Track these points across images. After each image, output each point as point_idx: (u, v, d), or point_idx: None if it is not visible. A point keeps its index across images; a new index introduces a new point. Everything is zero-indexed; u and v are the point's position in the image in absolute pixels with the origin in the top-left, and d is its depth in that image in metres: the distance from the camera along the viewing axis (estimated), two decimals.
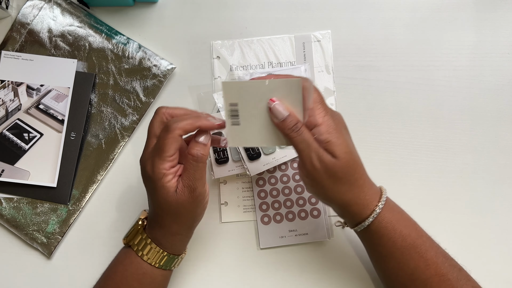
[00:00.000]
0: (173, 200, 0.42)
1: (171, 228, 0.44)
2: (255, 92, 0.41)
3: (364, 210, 0.43)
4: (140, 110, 0.57)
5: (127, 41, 0.58)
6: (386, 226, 0.43)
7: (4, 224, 0.56)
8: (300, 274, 0.54)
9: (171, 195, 0.42)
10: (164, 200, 0.42)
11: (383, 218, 0.43)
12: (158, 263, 0.45)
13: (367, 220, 0.43)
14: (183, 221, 0.44)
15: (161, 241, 0.45)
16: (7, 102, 0.57)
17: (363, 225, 0.43)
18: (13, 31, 0.58)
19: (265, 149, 0.54)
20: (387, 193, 0.44)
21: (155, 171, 0.42)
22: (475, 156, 0.56)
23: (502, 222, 0.55)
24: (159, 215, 0.44)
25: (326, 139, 0.41)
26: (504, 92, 0.57)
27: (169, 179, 0.42)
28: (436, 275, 0.42)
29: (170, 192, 0.42)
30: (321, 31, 0.58)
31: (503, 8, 0.58)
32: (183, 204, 0.42)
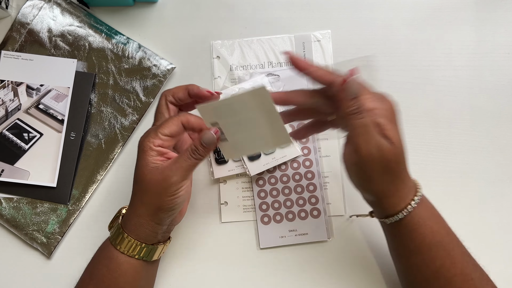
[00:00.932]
0: (146, 174, 0.42)
1: (137, 207, 0.43)
2: (229, 108, 0.41)
3: (400, 202, 0.42)
4: (140, 110, 0.57)
5: (127, 41, 0.58)
6: (418, 221, 0.42)
7: (4, 224, 0.56)
8: (300, 274, 0.54)
9: (147, 169, 0.42)
10: (140, 171, 0.43)
11: (416, 213, 0.42)
12: (131, 252, 0.44)
13: (401, 213, 0.41)
14: (147, 201, 0.43)
15: (129, 225, 0.44)
16: (7, 102, 0.57)
17: (395, 218, 0.42)
18: (13, 31, 0.58)
19: None
20: (422, 188, 0.43)
21: (144, 142, 0.43)
22: (475, 156, 0.56)
23: (502, 222, 0.55)
24: (133, 191, 0.44)
25: (383, 124, 0.39)
26: (504, 92, 0.57)
27: (153, 154, 0.42)
28: (460, 274, 0.42)
29: (147, 166, 0.42)
30: (321, 31, 0.58)
31: (503, 8, 0.58)
32: (151, 182, 0.42)
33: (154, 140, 0.42)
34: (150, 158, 0.42)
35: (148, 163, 0.42)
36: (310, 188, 0.55)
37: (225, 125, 0.42)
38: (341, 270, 0.54)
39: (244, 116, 0.41)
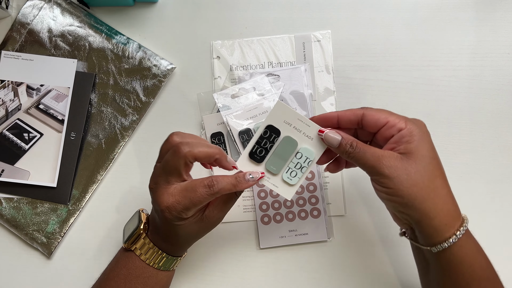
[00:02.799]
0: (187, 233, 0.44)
1: (173, 239, 0.45)
2: None
3: (446, 227, 0.39)
4: (140, 110, 0.57)
5: (127, 41, 0.58)
6: (467, 253, 0.40)
7: (4, 224, 0.56)
8: (300, 274, 0.54)
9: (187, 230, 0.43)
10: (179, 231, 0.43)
11: (465, 243, 0.40)
12: (163, 266, 0.46)
13: (449, 240, 0.39)
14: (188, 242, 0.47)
15: (162, 247, 0.46)
16: (7, 102, 0.57)
17: (442, 246, 0.39)
18: (13, 31, 0.58)
19: None
20: (469, 221, 0.41)
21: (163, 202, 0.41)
22: (475, 156, 0.56)
23: (502, 222, 0.55)
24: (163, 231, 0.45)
25: (407, 141, 0.39)
26: (504, 92, 0.57)
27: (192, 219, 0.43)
28: None
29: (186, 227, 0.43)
30: (321, 31, 0.58)
31: (503, 8, 0.58)
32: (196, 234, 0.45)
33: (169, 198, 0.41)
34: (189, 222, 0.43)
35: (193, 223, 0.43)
36: (310, 188, 0.55)
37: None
38: (341, 270, 0.54)
39: None
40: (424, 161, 0.39)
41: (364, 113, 0.42)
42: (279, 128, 0.44)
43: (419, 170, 0.39)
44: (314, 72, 0.57)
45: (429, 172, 0.39)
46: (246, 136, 0.54)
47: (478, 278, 0.40)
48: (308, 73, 0.57)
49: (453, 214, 0.40)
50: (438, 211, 0.39)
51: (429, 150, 0.40)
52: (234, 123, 0.54)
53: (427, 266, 0.43)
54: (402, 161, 0.39)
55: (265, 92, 0.55)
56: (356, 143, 0.41)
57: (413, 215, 0.39)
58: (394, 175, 0.39)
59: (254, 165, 0.45)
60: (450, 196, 0.41)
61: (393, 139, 0.40)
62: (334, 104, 0.57)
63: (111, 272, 0.47)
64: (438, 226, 0.39)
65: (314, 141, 0.44)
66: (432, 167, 0.39)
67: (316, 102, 0.57)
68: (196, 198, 0.40)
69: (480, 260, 0.41)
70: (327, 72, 0.57)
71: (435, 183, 0.39)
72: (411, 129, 0.40)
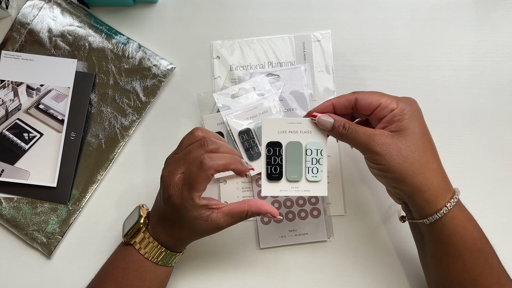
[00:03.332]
0: (198, 226, 0.44)
1: (177, 232, 0.45)
2: None
3: (437, 199, 0.41)
4: (140, 110, 0.57)
5: (127, 41, 0.58)
6: (459, 224, 0.41)
7: (4, 224, 0.56)
8: (300, 274, 0.54)
9: (198, 223, 0.44)
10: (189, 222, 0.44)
11: (456, 214, 0.41)
12: (161, 260, 0.46)
13: (441, 211, 0.41)
14: (191, 235, 0.46)
15: (164, 241, 0.46)
16: (7, 102, 0.57)
17: (435, 217, 0.41)
18: (13, 31, 0.58)
19: None
20: (460, 192, 0.43)
21: (187, 203, 0.43)
22: (475, 156, 0.56)
23: (502, 222, 0.55)
24: (168, 222, 0.45)
25: (398, 119, 0.41)
26: (504, 92, 0.57)
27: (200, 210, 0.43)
28: (497, 284, 0.42)
29: (199, 221, 0.44)
30: (321, 31, 0.58)
31: (503, 8, 0.58)
32: (205, 231, 0.45)
33: (195, 200, 0.43)
34: (201, 214, 0.44)
35: (200, 213, 0.44)
36: None
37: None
38: (341, 270, 0.54)
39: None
40: (414, 137, 0.41)
41: (357, 97, 0.43)
42: (278, 140, 0.46)
43: (410, 146, 0.41)
44: (314, 72, 0.57)
45: (419, 147, 0.41)
46: (246, 136, 0.54)
47: (469, 249, 0.41)
48: (308, 73, 0.57)
49: (443, 187, 0.42)
50: (429, 185, 0.41)
51: (419, 126, 0.42)
52: (234, 123, 0.54)
53: (422, 239, 0.45)
54: (393, 138, 0.41)
55: (265, 92, 0.55)
56: (348, 124, 0.43)
57: (405, 189, 0.42)
58: (385, 151, 0.41)
59: (276, 183, 0.46)
60: (441, 170, 0.42)
61: (385, 119, 0.42)
62: None
63: (110, 265, 0.48)
64: (429, 198, 0.41)
65: (314, 132, 0.45)
66: (422, 142, 0.41)
67: (316, 102, 0.56)
68: (192, 178, 0.42)
69: (471, 231, 0.42)
70: (327, 72, 0.57)
71: (425, 157, 0.41)
72: (402, 108, 0.42)
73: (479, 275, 0.42)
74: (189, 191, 0.42)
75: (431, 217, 0.41)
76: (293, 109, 0.55)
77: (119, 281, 0.46)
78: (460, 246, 0.42)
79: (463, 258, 0.42)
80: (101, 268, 0.49)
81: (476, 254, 0.42)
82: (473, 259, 0.42)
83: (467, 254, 0.42)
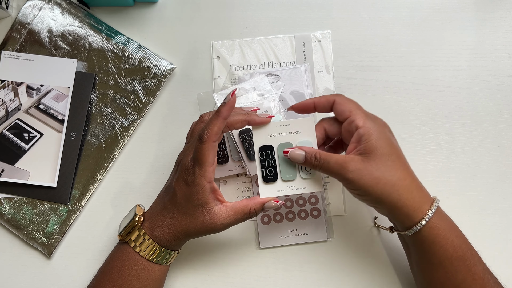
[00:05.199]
0: (205, 216, 0.45)
1: (174, 222, 0.45)
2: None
3: (415, 213, 0.42)
4: (140, 110, 0.57)
5: (127, 41, 0.58)
6: (438, 233, 0.43)
7: (4, 224, 0.56)
8: (300, 274, 0.54)
9: (206, 211, 0.45)
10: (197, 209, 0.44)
11: (435, 225, 0.43)
12: (156, 258, 0.46)
13: (419, 223, 0.42)
14: (191, 231, 0.46)
15: (160, 238, 0.46)
16: (7, 102, 0.57)
17: (414, 229, 0.43)
18: (13, 31, 0.58)
19: None
20: (439, 201, 0.44)
21: (200, 180, 0.44)
22: (475, 156, 0.56)
23: (502, 221, 0.55)
24: (177, 212, 0.45)
25: (365, 140, 0.43)
26: (504, 92, 0.57)
27: (207, 193, 0.44)
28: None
29: (207, 207, 0.44)
30: (321, 31, 0.58)
31: (503, 8, 0.58)
32: (204, 223, 0.45)
33: (206, 178, 0.44)
34: (209, 195, 0.45)
35: (208, 199, 0.44)
36: None
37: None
38: (341, 270, 0.54)
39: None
40: (383, 158, 0.42)
41: (335, 100, 0.46)
42: (269, 143, 0.47)
43: (380, 167, 0.42)
44: (314, 72, 0.57)
45: (389, 167, 0.42)
46: (246, 136, 0.54)
47: (450, 257, 0.42)
48: (308, 73, 0.57)
49: (419, 200, 0.43)
50: (404, 200, 0.42)
51: (387, 146, 0.43)
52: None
53: (408, 249, 0.47)
54: (363, 163, 0.42)
55: (265, 92, 0.55)
56: (319, 154, 0.44)
57: (384, 208, 0.44)
58: (358, 177, 0.42)
59: (272, 184, 0.47)
60: (414, 184, 0.44)
61: (353, 138, 0.44)
62: None
63: (106, 266, 0.48)
64: (407, 213, 0.43)
65: (303, 131, 0.47)
66: (391, 162, 0.43)
67: None
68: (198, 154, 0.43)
69: (451, 240, 0.43)
70: (327, 72, 0.57)
71: (396, 176, 0.42)
72: (368, 128, 0.43)
73: (462, 281, 0.43)
74: (200, 166, 0.43)
75: (411, 229, 0.43)
76: None
77: (115, 280, 0.46)
78: (441, 254, 0.43)
79: (444, 266, 0.43)
80: (98, 270, 0.49)
81: (457, 262, 0.42)
82: (454, 267, 0.43)
83: (447, 262, 0.43)
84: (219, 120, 0.43)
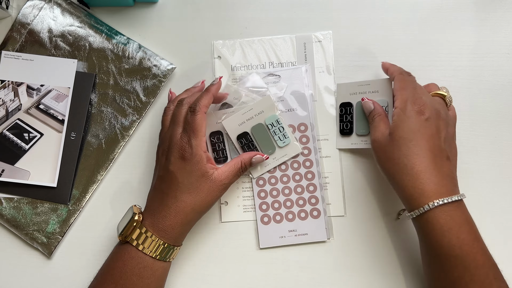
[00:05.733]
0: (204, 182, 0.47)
1: (178, 206, 0.46)
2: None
3: (412, 201, 0.44)
4: (140, 110, 0.57)
5: (127, 41, 0.58)
6: (434, 227, 0.43)
7: (4, 224, 0.56)
8: (300, 274, 0.54)
9: (208, 173, 0.47)
10: (199, 172, 0.47)
11: (433, 219, 0.43)
12: (159, 255, 0.46)
13: (413, 212, 0.44)
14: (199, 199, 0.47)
15: (162, 231, 0.46)
16: (7, 102, 0.57)
17: (411, 215, 0.44)
18: (13, 31, 0.58)
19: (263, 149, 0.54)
20: (463, 197, 0.44)
21: (198, 150, 0.46)
22: (475, 156, 0.56)
23: (502, 222, 0.55)
24: (176, 190, 0.46)
25: (393, 120, 0.47)
26: (504, 92, 0.57)
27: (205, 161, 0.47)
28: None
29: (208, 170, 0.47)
30: (322, 31, 0.58)
31: (503, 8, 0.58)
32: (211, 192, 0.47)
33: (202, 146, 0.47)
34: (207, 164, 0.47)
35: (207, 168, 0.47)
36: (310, 188, 0.55)
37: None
38: (341, 270, 0.54)
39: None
40: (399, 142, 0.45)
41: (395, 77, 0.50)
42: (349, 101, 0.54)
43: (394, 149, 0.45)
44: (315, 73, 0.57)
45: (403, 151, 0.45)
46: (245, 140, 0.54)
47: (445, 253, 0.43)
48: (309, 74, 0.57)
49: (420, 191, 0.44)
50: (404, 186, 0.44)
51: (408, 132, 0.45)
52: (231, 127, 0.54)
53: None
54: (385, 138, 0.47)
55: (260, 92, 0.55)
56: (378, 116, 0.50)
57: (390, 184, 0.47)
58: (374, 147, 0.48)
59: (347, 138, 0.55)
60: (427, 177, 0.44)
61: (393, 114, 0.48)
62: (334, 105, 0.57)
63: (107, 267, 0.48)
64: (405, 197, 0.45)
65: (380, 91, 0.52)
66: (407, 147, 0.45)
67: (317, 103, 0.57)
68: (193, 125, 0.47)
69: (449, 238, 0.42)
70: (328, 73, 0.57)
71: (405, 161, 0.44)
72: (398, 110, 0.47)
73: (458, 278, 0.42)
74: (195, 136, 0.46)
75: (409, 214, 0.45)
76: (294, 109, 0.55)
77: (117, 280, 0.46)
78: (436, 249, 0.43)
79: (439, 260, 0.43)
80: (98, 271, 0.49)
81: (453, 260, 0.42)
82: (450, 264, 0.43)
83: (442, 258, 0.43)
84: (208, 95, 0.48)
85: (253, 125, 0.53)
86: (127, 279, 0.46)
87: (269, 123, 0.53)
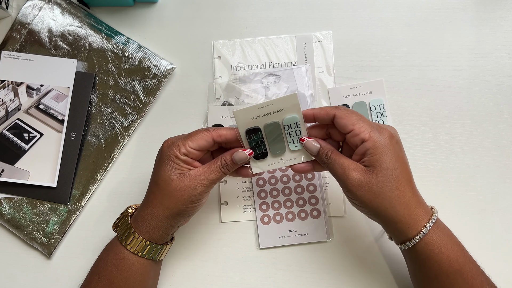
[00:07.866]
0: (173, 180, 0.44)
1: (155, 209, 0.45)
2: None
3: (410, 229, 0.42)
4: (140, 110, 0.57)
5: (127, 41, 0.58)
6: (433, 249, 0.42)
7: (4, 224, 0.56)
8: (300, 274, 0.54)
9: (173, 175, 0.44)
10: (165, 176, 0.44)
11: (431, 240, 0.42)
12: (141, 252, 0.45)
13: (413, 240, 0.42)
14: (169, 205, 0.45)
15: (142, 226, 0.45)
16: (7, 102, 0.57)
17: (408, 245, 0.43)
18: (13, 31, 0.58)
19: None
20: (438, 214, 0.44)
21: (170, 149, 0.44)
22: (475, 156, 0.56)
23: (502, 221, 0.55)
24: (152, 192, 0.45)
25: (370, 154, 0.42)
26: (504, 92, 0.57)
27: (179, 162, 0.44)
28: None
29: (174, 172, 0.44)
30: (322, 31, 0.58)
31: (503, 8, 0.58)
32: (177, 189, 0.44)
33: (181, 150, 0.44)
34: (176, 165, 0.44)
35: (175, 169, 0.44)
36: (310, 188, 0.55)
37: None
38: (341, 270, 0.54)
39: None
40: (386, 173, 0.42)
41: (336, 114, 0.44)
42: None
43: (381, 182, 0.41)
44: (315, 73, 0.57)
45: (390, 183, 0.42)
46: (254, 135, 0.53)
47: (445, 271, 0.42)
48: (309, 73, 0.57)
49: (416, 216, 0.42)
50: (400, 217, 0.42)
51: (391, 161, 0.42)
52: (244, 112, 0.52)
53: (405, 260, 0.48)
54: (365, 174, 0.42)
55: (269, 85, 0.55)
56: (330, 153, 0.44)
57: (379, 221, 0.44)
58: (357, 188, 0.42)
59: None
60: (414, 200, 0.43)
61: (358, 150, 0.43)
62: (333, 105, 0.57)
63: (96, 259, 0.49)
64: (401, 228, 0.42)
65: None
66: (394, 178, 0.42)
67: (317, 103, 0.57)
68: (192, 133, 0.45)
69: (447, 254, 0.42)
70: (328, 73, 0.57)
71: (396, 192, 0.42)
72: (373, 141, 0.42)
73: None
74: (184, 139, 0.44)
75: (405, 244, 0.43)
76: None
77: (100, 272, 0.46)
78: (436, 269, 0.42)
79: (439, 279, 0.43)
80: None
81: (453, 276, 0.42)
82: (450, 280, 0.42)
83: (443, 276, 0.42)
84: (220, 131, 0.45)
85: (268, 123, 0.47)
86: (107, 270, 0.46)
87: (287, 123, 0.46)
